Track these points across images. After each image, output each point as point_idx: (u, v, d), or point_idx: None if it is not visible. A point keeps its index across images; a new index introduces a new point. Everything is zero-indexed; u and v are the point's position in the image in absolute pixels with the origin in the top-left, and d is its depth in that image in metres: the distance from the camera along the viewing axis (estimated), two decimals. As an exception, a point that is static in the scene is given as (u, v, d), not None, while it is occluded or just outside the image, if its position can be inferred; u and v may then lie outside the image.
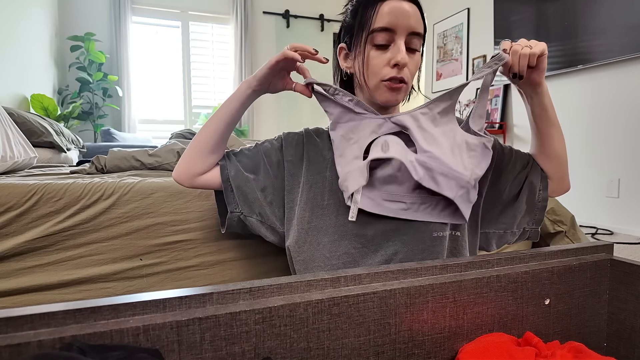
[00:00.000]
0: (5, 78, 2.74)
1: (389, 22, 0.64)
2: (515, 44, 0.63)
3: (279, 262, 1.00)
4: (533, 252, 0.49)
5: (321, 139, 0.76)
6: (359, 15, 0.67)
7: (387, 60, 0.65)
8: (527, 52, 0.61)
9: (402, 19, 0.64)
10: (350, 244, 0.68)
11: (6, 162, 1.26)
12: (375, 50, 0.66)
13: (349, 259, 0.67)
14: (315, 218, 0.70)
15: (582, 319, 0.50)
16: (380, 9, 0.64)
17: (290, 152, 0.75)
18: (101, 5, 4.09)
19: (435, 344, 0.43)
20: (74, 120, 3.55)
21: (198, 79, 4.58)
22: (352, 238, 0.68)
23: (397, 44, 0.65)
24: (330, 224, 0.69)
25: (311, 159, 0.74)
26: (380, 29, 0.64)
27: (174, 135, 1.98)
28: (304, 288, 0.39)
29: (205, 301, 0.36)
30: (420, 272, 0.44)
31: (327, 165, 0.73)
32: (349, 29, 0.70)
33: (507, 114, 3.47)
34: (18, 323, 0.31)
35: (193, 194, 0.98)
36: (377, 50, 0.66)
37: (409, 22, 0.64)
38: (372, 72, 0.67)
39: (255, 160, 0.76)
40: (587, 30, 2.68)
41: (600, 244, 0.52)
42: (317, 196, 0.71)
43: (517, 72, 0.63)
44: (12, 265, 0.89)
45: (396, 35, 0.65)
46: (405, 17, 0.64)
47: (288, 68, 0.69)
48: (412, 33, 0.65)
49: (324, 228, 0.69)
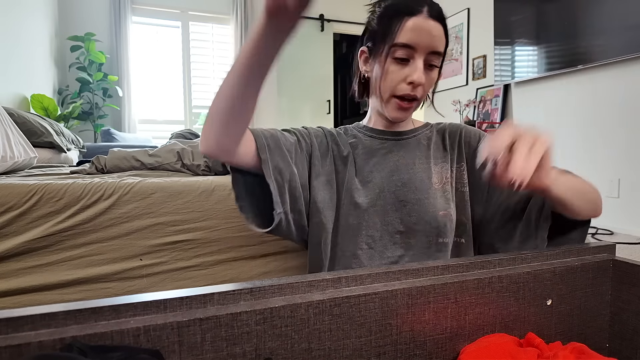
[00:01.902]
0: (5, 78, 2.74)
1: (411, 40, 0.64)
2: (507, 148, 0.44)
3: (279, 262, 1.00)
4: (535, 253, 0.49)
5: (341, 138, 0.77)
6: (384, 25, 0.66)
7: (404, 77, 0.66)
8: (529, 163, 0.43)
9: (424, 38, 0.64)
10: (356, 245, 0.69)
11: (6, 162, 1.26)
12: (395, 64, 0.66)
13: (355, 259, 0.69)
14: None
15: (585, 319, 0.50)
16: (405, 24, 0.64)
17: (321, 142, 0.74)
18: (101, 5, 4.09)
19: (437, 345, 0.43)
20: (74, 121, 3.55)
21: (198, 79, 4.58)
22: (357, 237, 0.69)
23: (415, 62, 0.65)
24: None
25: (335, 155, 0.74)
26: (401, 45, 0.64)
27: (174, 135, 1.98)
28: (305, 288, 0.39)
29: (206, 302, 0.35)
30: (422, 273, 0.44)
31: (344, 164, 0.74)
32: (373, 36, 0.69)
33: (507, 114, 3.47)
34: (18, 324, 0.30)
35: (193, 194, 0.98)
36: (396, 64, 0.66)
37: (430, 41, 0.64)
38: (388, 86, 0.67)
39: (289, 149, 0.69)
40: (587, 30, 2.68)
41: (602, 244, 0.52)
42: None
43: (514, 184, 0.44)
44: (13, 265, 0.89)
45: (416, 53, 0.65)
46: (428, 36, 0.64)
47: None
48: (433, 52, 0.65)
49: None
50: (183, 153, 1.23)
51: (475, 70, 3.80)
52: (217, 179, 1.04)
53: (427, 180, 0.71)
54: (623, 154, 2.59)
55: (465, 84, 3.94)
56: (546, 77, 3.07)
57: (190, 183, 1.00)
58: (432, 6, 0.65)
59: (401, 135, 0.75)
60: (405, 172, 0.71)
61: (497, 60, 3.41)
